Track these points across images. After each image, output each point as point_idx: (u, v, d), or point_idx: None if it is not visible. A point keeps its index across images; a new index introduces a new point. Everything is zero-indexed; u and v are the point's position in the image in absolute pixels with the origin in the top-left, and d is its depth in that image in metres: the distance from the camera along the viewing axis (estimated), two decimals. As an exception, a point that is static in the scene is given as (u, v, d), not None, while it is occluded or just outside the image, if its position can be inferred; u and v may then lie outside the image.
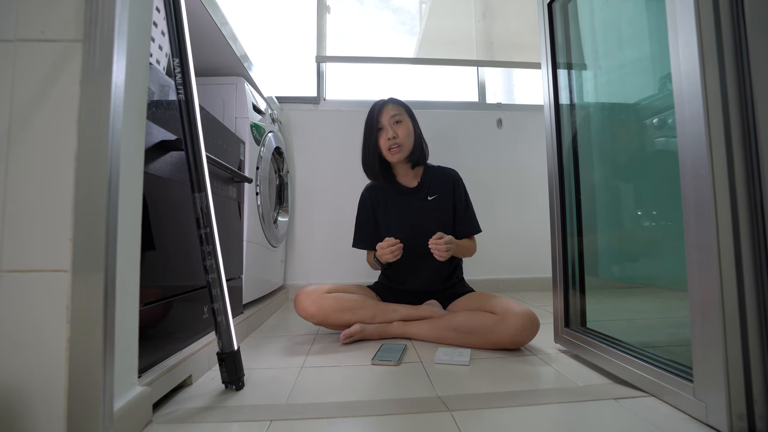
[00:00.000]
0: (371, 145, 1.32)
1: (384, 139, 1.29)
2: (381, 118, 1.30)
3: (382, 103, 1.33)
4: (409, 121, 1.33)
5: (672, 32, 0.67)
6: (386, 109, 1.30)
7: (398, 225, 1.34)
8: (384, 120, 1.30)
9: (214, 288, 0.77)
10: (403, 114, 1.32)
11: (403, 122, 1.30)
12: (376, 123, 1.30)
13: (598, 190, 1.06)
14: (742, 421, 0.58)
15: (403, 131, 1.29)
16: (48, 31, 0.55)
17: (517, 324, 1.02)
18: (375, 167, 1.33)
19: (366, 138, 1.33)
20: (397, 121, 1.30)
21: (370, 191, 1.41)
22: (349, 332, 1.13)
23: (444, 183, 1.36)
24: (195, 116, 0.77)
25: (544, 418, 0.67)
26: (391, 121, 1.29)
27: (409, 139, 1.31)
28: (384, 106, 1.31)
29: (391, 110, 1.30)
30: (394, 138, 1.28)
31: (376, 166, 1.33)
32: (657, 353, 0.77)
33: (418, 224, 1.32)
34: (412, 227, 1.32)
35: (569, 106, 1.10)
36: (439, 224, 1.31)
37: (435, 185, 1.36)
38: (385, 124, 1.29)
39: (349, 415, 0.69)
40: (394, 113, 1.30)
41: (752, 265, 0.60)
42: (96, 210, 0.53)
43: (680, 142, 0.66)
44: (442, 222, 1.32)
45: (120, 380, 0.58)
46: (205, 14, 1.11)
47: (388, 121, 1.29)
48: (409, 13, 2.52)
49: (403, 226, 1.33)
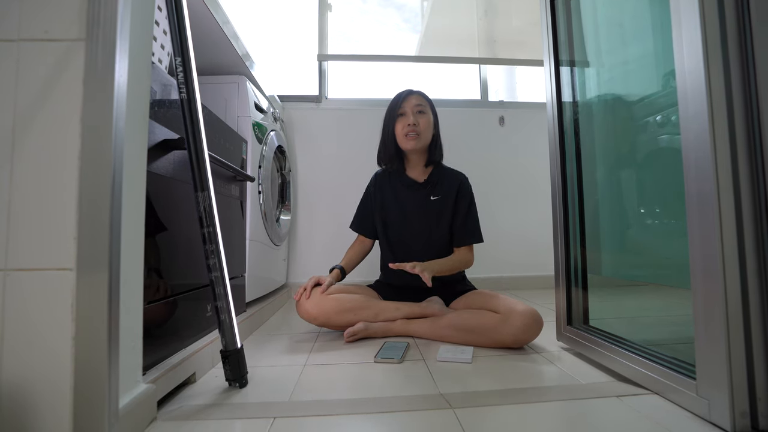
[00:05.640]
0: (389, 130, 1.32)
1: (402, 125, 1.29)
2: (404, 104, 1.30)
3: (409, 92, 1.33)
4: (431, 115, 1.33)
5: (676, 28, 0.67)
6: (412, 98, 1.31)
7: (396, 216, 1.34)
8: (407, 107, 1.30)
9: (217, 286, 0.78)
10: (427, 107, 1.32)
11: (426, 114, 1.31)
12: (398, 108, 1.31)
13: (601, 187, 1.05)
14: (744, 419, 0.58)
15: (425, 122, 1.29)
16: (51, 30, 0.55)
17: (521, 323, 1.02)
18: (390, 154, 1.33)
19: (385, 122, 1.34)
20: (420, 111, 1.30)
21: (378, 177, 1.42)
22: (353, 330, 1.14)
23: (450, 186, 1.34)
24: (197, 115, 0.77)
25: (546, 416, 0.68)
26: (414, 110, 1.29)
27: (428, 131, 1.31)
28: (410, 94, 1.32)
29: (416, 100, 1.31)
30: (414, 125, 1.27)
31: (392, 152, 1.33)
32: (660, 351, 0.77)
33: (415, 220, 1.32)
34: (409, 222, 1.32)
35: (572, 104, 1.09)
36: (436, 226, 1.30)
37: (441, 187, 1.34)
38: (407, 111, 1.29)
39: (352, 412, 0.69)
40: (418, 103, 1.30)
41: (756, 262, 0.60)
42: (100, 209, 0.53)
43: (684, 139, 0.66)
44: (439, 224, 1.31)
45: (125, 378, 0.58)
46: (207, 13, 1.11)
47: (412, 108, 1.29)
48: (413, 10, 2.51)
49: (400, 218, 1.34)
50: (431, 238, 1.31)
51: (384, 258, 1.39)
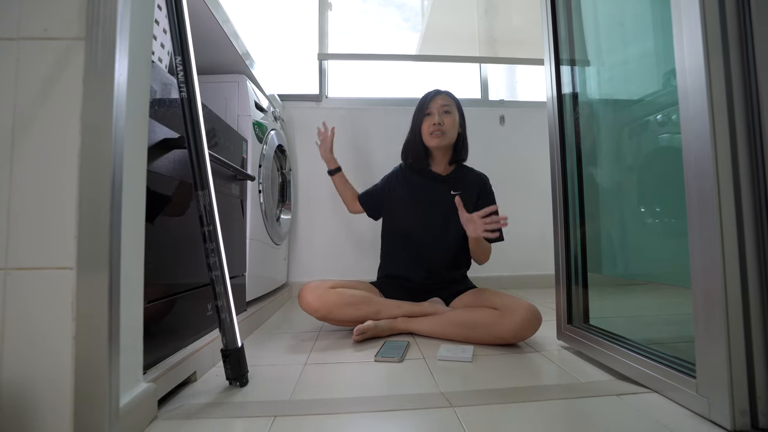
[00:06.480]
0: (416, 128, 1.37)
1: (428, 124, 1.33)
2: (431, 104, 1.34)
3: (436, 92, 1.37)
4: (458, 115, 1.36)
5: (676, 27, 0.67)
6: (439, 98, 1.35)
7: (413, 205, 1.37)
8: (433, 107, 1.33)
9: (218, 285, 0.78)
10: (453, 107, 1.35)
11: (452, 114, 1.34)
12: (425, 108, 1.35)
13: (601, 186, 1.05)
14: (744, 417, 0.58)
15: (450, 121, 1.32)
16: (50, 29, 0.55)
17: (519, 319, 1.03)
18: (418, 151, 1.37)
19: (414, 121, 1.39)
20: (446, 111, 1.33)
21: (402, 169, 1.46)
22: (363, 328, 1.11)
23: (472, 184, 1.38)
24: (197, 114, 0.77)
25: (546, 415, 0.68)
26: (440, 110, 1.33)
27: (453, 130, 1.34)
28: (438, 94, 1.36)
29: (443, 100, 1.34)
30: (439, 125, 1.31)
31: (420, 149, 1.36)
32: (660, 350, 0.77)
33: (430, 210, 1.34)
34: (424, 212, 1.35)
35: (572, 103, 1.09)
36: (452, 220, 1.31)
37: (463, 183, 1.38)
38: (434, 111, 1.33)
39: (353, 411, 0.69)
40: (444, 103, 1.34)
41: (756, 261, 0.60)
42: (100, 208, 0.53)
43: (684, 138, 0.65)
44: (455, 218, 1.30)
45: (125, 377, 0.58)
46: (207, 12, 1.11)
47: (438, 108, 1.33)
48: (413, 9, 2.51)
49: (416, 207, 1.36)
50: (445, 232, 1.33)
51: (390, 251, 1.41)
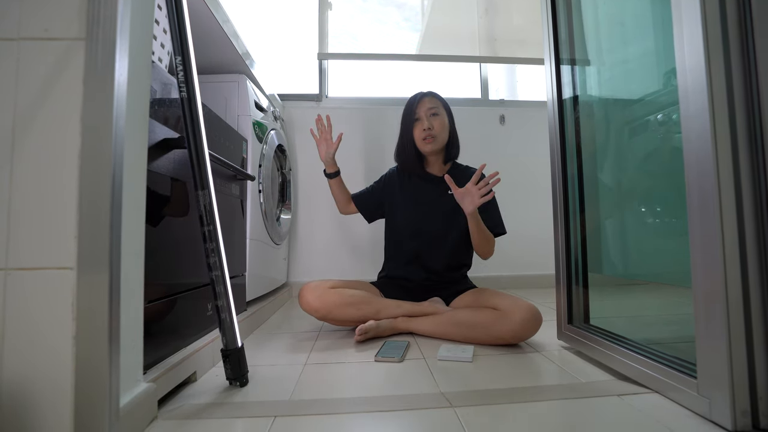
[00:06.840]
0: (407, 134, 1.36)
1: (419, 130, 1.33)
2: (418, 109, 1.33)
3: (422, 95, 1.36)
4: (446, 115, 1.35)
5: (677, 26, 0.66)
6: (424, 101, 1.34)
7: (412, 207, 1.36)
8: (421, 111, 1.33)
9: (218, 285, 0.78)
10: (440, 108, 1.34)
11: (440, 115, 1.33)
12: (413, 113, 1.34)
13: (602, 186, 1.05)
14: (746, 418, 0.58)
15: (439, 124, 1.32)
16: (51, 29, 0.55)
17: (519, 319, 1.03)
18: (410, 156, 1.36)
19: (402, 127, 1.38)
20: (433, 114, 1.32)
21: (398, 171, 1.45)
22: (365, 328, 1.11)
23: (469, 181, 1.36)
24: (197, 114, 0.77)
25: (546, 415, 0.68)
26: (428, 113, 1.32)
27: (444, 132, 1.33)
28: (423, 98, 1.35)
29: (429, 103, 1.33)
30: (429, 129, 1.30)
31: (412, 154, 1.36)
32: (660, 350, 0.77)
33: (429, 212, 1.34)
34: (423, 213, 1.34)
35: (572, 103, 1.09)
36: (452, 220, 1.31)
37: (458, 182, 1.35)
38: (422, 116, 1.32)
39: (353, 411, 0.69)
40: (431, 106, 1.33)
41: (757, 261, 0.59)
42: (100, 208, 0.53)
43: (685, 138, 0.65)
44: (455, 218, 1.31)
45: (125, 377, 0.58)
46: (207, 12, 1.11)
47: (425, 112, 1.32)
48: (413, 9, 2.50)
49: (415, 209, 1.35)
50: (445, 232, 1.32)
51: (391, 252, 1.41)
